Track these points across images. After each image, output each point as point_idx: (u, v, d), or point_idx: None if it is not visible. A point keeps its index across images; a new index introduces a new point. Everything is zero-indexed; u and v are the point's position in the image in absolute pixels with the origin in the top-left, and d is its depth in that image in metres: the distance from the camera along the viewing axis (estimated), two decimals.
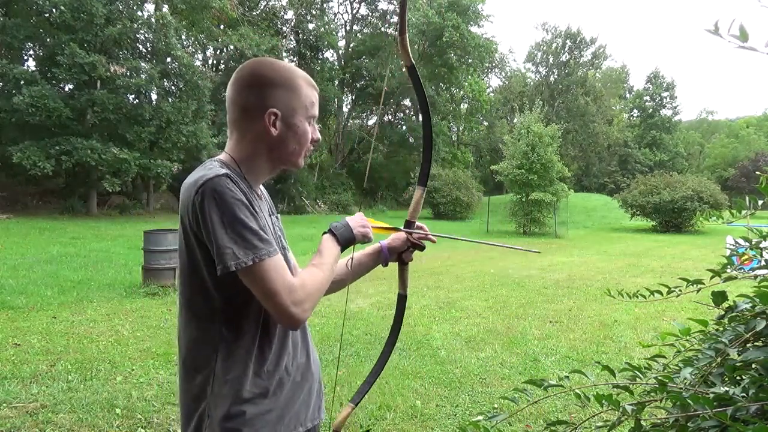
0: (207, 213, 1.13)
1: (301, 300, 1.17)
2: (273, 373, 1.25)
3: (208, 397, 1.22)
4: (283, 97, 1.26)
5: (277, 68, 1.28)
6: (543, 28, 54.29)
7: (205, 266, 1.18)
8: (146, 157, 19.94)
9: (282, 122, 1.26)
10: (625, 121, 54.49)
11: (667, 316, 6.49)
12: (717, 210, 1.87)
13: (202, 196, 1.13)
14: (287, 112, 1.27)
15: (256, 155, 1.28)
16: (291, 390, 1.29)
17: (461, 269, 10.38)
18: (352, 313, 6.34)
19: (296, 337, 1.33)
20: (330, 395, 3.82)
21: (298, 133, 1.29)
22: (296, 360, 1.31)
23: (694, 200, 20.72)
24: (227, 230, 1.13)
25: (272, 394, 1.24)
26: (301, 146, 1.30)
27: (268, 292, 1.14)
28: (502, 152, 23.01)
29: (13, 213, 18.47)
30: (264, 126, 1.25)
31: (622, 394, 1.33)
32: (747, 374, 1.20)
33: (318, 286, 1.23)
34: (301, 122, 1.29)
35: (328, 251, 1.33)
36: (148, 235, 7.46)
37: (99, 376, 4.11)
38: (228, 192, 1.14)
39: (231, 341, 1.21)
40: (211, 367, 1.22)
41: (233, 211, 1.13)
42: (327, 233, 1.37)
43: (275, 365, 1.26)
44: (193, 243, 1.19)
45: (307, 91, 1.30)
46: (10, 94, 18.76)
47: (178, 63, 21.19)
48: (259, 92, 1.25)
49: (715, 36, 1.05)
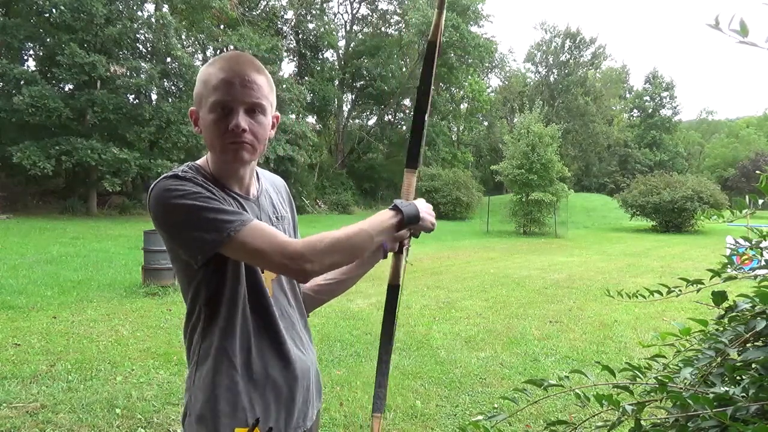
0: (160, 218, 1.14)
1: (294, 254, 1.11)
2: (250, 373, 1.21)
3: (190, 390, 1.23)
4: (197, 92, 1.20)
5: (209, 62, 1.21)
6: (542, 28, 54.22)
7: (185, 263, 1.18)
8: (146, 157, 19.95)
9: (201, 119, 1.19)
10: (625, 121, 54.51)
11: (667, 316, 6.49)
12: (717, 210, 1.86)
13: (153, 203, 1.14)
14: (198, 106, 1.20)
15: (210, 153, 1.24)
16: (270, 393, 1.23)
17: (461, 269, 10.38)
18: (352, 313, 6.34)
19: (291, 334, 1.29)
20: (330, 395, 3.82)
21: (206, 126, 1.17)
22: (286, 355, 1.26)
23: (694, 200, 20.71)
24: (188, 222, 1.11)
25: (246, 393, 1.20)
26: (219, 138, 1.16)
27: (254, 254, 1.12)
28: (502, 152, 23.03)
29: (13, 213, 18.47)
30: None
31: (622, 394, 1.33)
32: (747, 374, 1.20)
33: (327, 242, 1.13)
34: (205, 114, 1.17)
35: (375, 218, 1.20)
36: (148, 235, 7.45)
37: (99, 376, 4.11)
38: (172, 189, 1.12)
39: (208, 335, 1.21)
40: (193, 361, 1.23)
41: (183, 206, 1.11)
42: (390, 209, 1.23)
43: (252, 365, 1.21)
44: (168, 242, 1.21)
45: (215, 74, 1.15)
46: (10, 94, 18.77)
47: (178, 63, 21.20)
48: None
49: (716, 32, 1.05)
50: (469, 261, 11.62)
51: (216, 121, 1.15)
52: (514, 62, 65.62)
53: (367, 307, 6.76)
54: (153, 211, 1.15)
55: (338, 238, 1.15)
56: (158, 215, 1.15)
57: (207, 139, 1.19)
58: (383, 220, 1.21)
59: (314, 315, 1.52)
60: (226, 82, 1.14)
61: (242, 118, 1.14)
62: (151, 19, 21.57)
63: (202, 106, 1.18)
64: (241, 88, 1.14)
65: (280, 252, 1.11)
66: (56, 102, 18.06)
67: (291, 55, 32.46)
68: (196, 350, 1.23)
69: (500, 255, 12.96)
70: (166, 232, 1.17)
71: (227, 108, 1.14)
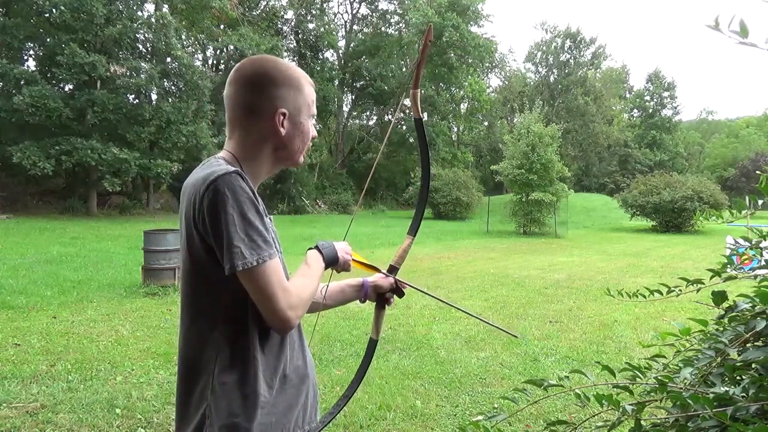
0: (218, 210, 1.10)
1: (295, 304, 1.17)
2: (274, 376, 1.23)
3: (209, 399, 1.18)
4: (289, 97, 1.26)
5: (281, 67, 1.28)
6: (543, 28, 54.28)
7: (209, 265, 1.16)
8: (146, 157, 19.96)
9: (289, 121, 1.27)
10: (625, 121, 54.51)
11: (667, 316, 6.49)
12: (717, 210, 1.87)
13: (214, 193, 1.10)
14: (294, 111, 1.27)
15: (260, 154, 1.27)
16: (291, 393, 1.27)
17: (461, 269, 10.38)
18: (352, 313, 6.34)
19: (293, 339, 1.31)
20: (330, 395, 3.82)
21: (303, 132, 1.30)
22: (293, 362, 1.29)
23: (694, 200, 20.69)
24: (237, 229, 1.11)
25: (273, 397, 1.22)
26: (304, 144, 1.32)
27: (266, 295, 1.13)
28: (502, 152, 23.01)
29: (13, 213, 18.48)
30: (272, 126, 1.24)
31: (622, 394, 1.33)
32: (747, 374, 1.20)
33: (309, 293, 1.23)
34: (305, 120, 1.30)
35: (315, 264, 1.32)
36: (148, 235, 7.46)
37: (99, 376, 4.11)
38: (239, 190, 1.12)
39: (232, 342, 1.18)
40: (211, 369, 1.19)
41: (243, 209, 1.12)
42: (313, 249, 1.37)
43: (275, 368, 1.24)
44: (196, 242, 1.16)
45: (309, 89, 1.31)
46: (10, 94, 18.79)
47: (178, 63, 21.21)
48: (266, 91, 1.24)
49: (716, 32, 1.05)
50: (469, 261, 11.62)
51: (310, 131, 1.33)
52: (514, 62, 65.84)
53: (367, 307, 6.76)
54: (210, 201, 1.11)
55: (313, 289, 1.25)
56: (214, 207, 1.11)
57: (290, 142, 1.28)
58: (320, 266, 1.34)
59: (314, 315, 1.52)
60: (315, 100, 1.35)
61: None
62: (151, 19, 21.58)
63: (302, 113, 1.29)
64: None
65: (286, 301, 1.15)
66: (56, 102, 18.07)
67: (291, 55, 32.47)
68: (214, 357, 1.19)
69: (500, 255, 12.95)
70: (213, 227, 1.12)
71: (312, 120, 1.35)
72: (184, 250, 1.22)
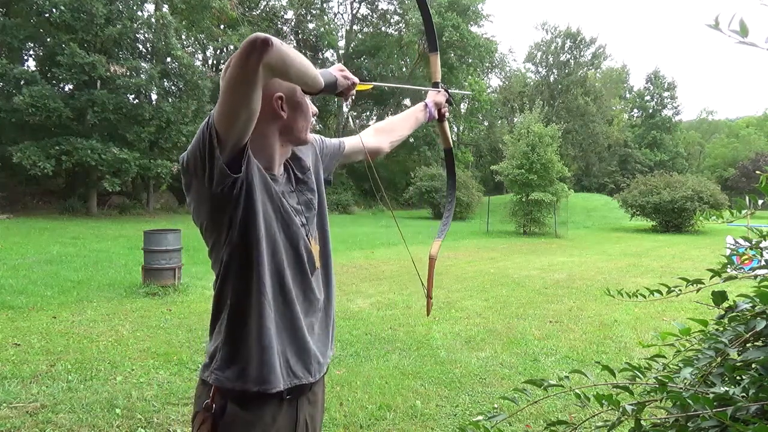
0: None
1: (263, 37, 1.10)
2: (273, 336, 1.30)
3: (219, 350, 1.29)
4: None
5: None
6: (543, 28, 54.25)
7: (226, 224, 1.22)
8: (146, 157, 19.94)
9: (288, 104, 1.30)
10: (626, 121, 54.48)
11: (667, 316, 6.49)
12: (717, 210, 1.87)
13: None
14: (289, 92, 1.30)
15: (266, 138, 1.30)
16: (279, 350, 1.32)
17: (461, 269, 10.38)
18: (352, 313, 6.34)
19: (297, 312, 1.35)
20: (330, 395, 3.82)
21: (303, 111, 1.34)
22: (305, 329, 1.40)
23: (694, 200, 20.69)
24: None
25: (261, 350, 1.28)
26: (307, 122, 1.36)
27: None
28: (502, 152, 22.99)
29: (13, 213, 18.47)
30: (272, 110, 1.27)
31: (622, 394, 1.33)
32: (747, 374, 1.20)
33: (293, 55, 1.13)
34: (302, 99, 1.33)
35: (313, 70, 1.24)
36: (148, 235, 7.45)
37: (99, 376, 4.11)
38: None
39: (242, 297, 1.26)
40: (220, 328, 1.29)
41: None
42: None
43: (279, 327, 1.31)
44: (206, 198, 1.21)
45: None
46: (10, 94, 18.78)
47: (178, 63, 21.20)
48: None
49: (716, 32, 1.05)
50: (469, 261, 11.62)
51: (309, 106, 1.36)
52: (514, 62, 65.59)
53: (367, 307, 6.75)
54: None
55: (298, 61, 1.14)
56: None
57: (293, 122, 1.32)
58: (317, 77, 1.24)
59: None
60: None
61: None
62: (151, 19, 21.56)
63: (296, 92, 1.31)
64: None
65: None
66: (56, 102, 18.05)
67: None
68: (223, 315, 1.29)
69: (500, 255, 12.95)
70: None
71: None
72: (195, 211, 1.28)
